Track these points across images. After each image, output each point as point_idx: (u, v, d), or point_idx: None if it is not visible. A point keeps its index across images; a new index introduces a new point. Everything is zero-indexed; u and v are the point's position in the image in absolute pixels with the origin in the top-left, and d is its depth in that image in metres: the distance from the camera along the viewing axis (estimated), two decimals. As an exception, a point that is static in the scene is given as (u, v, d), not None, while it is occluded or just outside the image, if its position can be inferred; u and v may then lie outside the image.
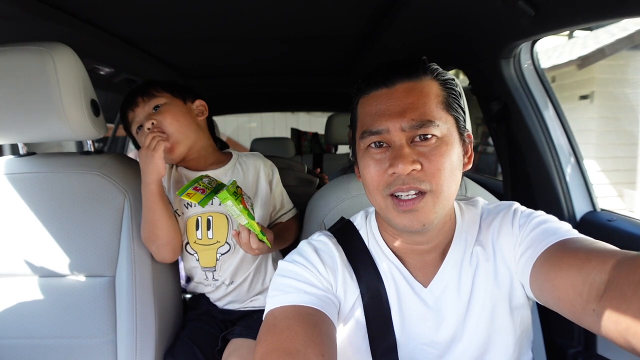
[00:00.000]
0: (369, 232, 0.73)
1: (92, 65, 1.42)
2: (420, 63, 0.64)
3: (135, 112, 1.01)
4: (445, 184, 0.60)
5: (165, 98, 1.00)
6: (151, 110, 0.99)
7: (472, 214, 0.72)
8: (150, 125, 0.96)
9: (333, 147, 3.19)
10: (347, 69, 1.88)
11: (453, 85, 0.66)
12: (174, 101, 1.01)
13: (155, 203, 0.93)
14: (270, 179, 1.10)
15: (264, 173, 1.09)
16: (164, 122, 0.96)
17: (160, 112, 0.98)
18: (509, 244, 0.66)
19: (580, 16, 0.80)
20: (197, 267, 1.05)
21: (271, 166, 1.12)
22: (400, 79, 0.63)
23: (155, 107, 0.99)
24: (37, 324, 0.95)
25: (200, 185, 0.92)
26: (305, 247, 0.71)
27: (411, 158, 0.59)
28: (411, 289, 0.68)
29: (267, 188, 1.08)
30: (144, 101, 0.99)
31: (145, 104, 0.99)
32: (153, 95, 1.00)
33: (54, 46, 0.87)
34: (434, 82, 0.64)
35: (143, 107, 0.99)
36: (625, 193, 4.03)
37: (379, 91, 0.64)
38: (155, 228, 0.94)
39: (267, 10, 1.07)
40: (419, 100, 0.61)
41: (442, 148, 0.60)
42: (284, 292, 0.63)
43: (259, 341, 0.58)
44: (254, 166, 1.09)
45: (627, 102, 4.05)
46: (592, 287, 0.50)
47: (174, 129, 0.97)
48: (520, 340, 0.68)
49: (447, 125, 0.62)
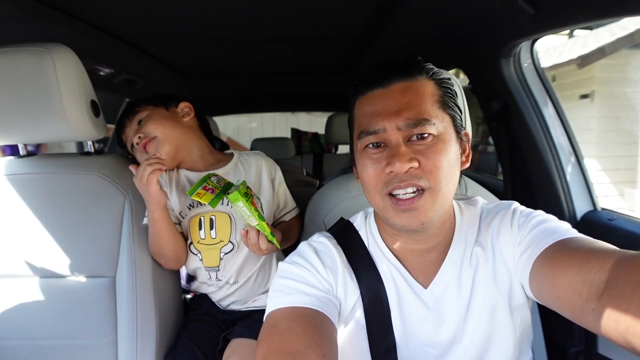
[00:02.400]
0: (369, 233, 0.73)
1: (92, 66, 1.42)
2: (416, 63, 0.65)
3: (126, 134, 1.06)
4: (443, 181, 0.61)
5: (147, 110, 1.04)
6: (136, 126, 1.03)
7: (472, 214, 0.72)
8: (138, 140, 0.99)
9: (333, 147, 3.19)
10: (347, 69, 1.88)
11: (449, 84, 0.66)
12: (156, 110, 1.05)
13: (161, 230, 0.95)
14: (273, 177, 1.10)
15: (266, 171, 1.09)
16: (148, 130, 0.99)
17: (143, 124, 1.01)
18: (508, 244, 0.66)
19: (580, 15, 0.80)
20: (201, 267, 1.05)
21: (273, 164, 1.12)
22: (396, 78, 0.63)
23: (139, 121, 1.03)
24: (38, 324, 0.95)
25: (210, 185, 0.92)
26: (305, 249, 0.71)
27: (408, 156, 0.59)
28: (411, 290, 0.68)
29: (269, 187, 1.08)
30: (130, 120, 1.05)
31: (131, 123, 1.05)
32: (136, 112, 1.05)
33: (54, 47, 0.87)
34: (430, 81, 0.64)
35: (130, 126, 1.05)
36: (626, 192, 4.03)
37: (375, 91, 0.64)
38: (162, 249, 0.98)
39: (267, 10, 1.07)
40: (415, 99, 0.62)
41: (439, 146, 0.61)
42: (284, 293, 0.63)
43: (260, 342, 0.58)
44: (256, 165, 1.09)
45: (628, 101, 4.04)
46: (592, 286, 0.50)
47: (159, 132, 1.00)
48: (521, 340, 0.68)
49: (444, 123, 0.62)
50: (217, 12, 1.07)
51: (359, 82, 0.67)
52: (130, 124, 1.05)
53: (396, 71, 0.64)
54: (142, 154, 0.99)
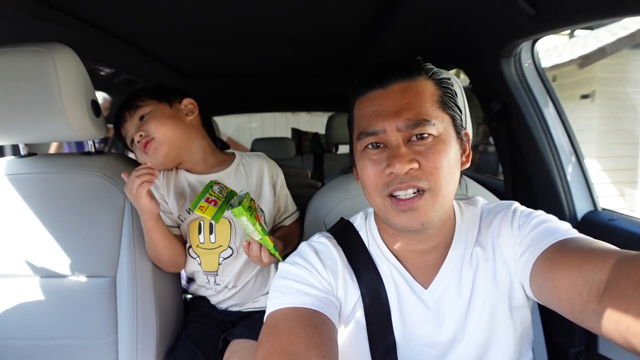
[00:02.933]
0: (369, 234, 0.73)
1: (93, 66, 1.42)
2: (415, 63, 0.65)
3: (125, 128, 1.01)
4: (443, 182, 0.61)
5: (150, 106, 0.99)
6: (138, 122, 0.99)
7: (472, 214, 0.72)
8: (139, 138, 0.96)
9: (334, 147, 3.19)
10: (347, 69, 1.88)
11: (449, 85, 0.66)
12: (159, 106, 1.00)
13: (156, 238, 0.95)
14: (275, 181, 1.08)
15: (267, 175, 1.06)
16: (149, 130, 0.96)
17: (145, 122, 0.97)
18: (508, 244, 0.66)
19: (581, 15, 0.80)
20: (200, 271, 1.04)
21: (275, 167, 1.10)
22: (395, 79, 0.63)
23: (141, 117, 0.98)
24: (38, 324, 0.95)
25: (212, 196, 0.90)
26: (306, 249, 0.71)
27: (408, 157, 0.59)
28: (411, 290, 0.68)
29: (271, 191, 1.06)
30: (130, 114, 1.00)
31: (131, 117, 0.99)
32: (137, 106, 0.99)
33: (55, 47, 0.87)
34: (429, 81, 0.64)
35: (131, 121, 0.99)
36: (627, 192, 4.02)
37: (375, 92, 0.64)
38: (158, 255, 0.98)
39: (267, 11, 1.07)
40: (414, 99, 0.61)
41: (439, 146, 0.61)
42: (284, 293, 0.63)
43: (260, 343, 0.58)
44: (258, 168, 1.07)
45: (628, 101, 4.03)
46: (592, 286, 0.50)
47: (160, 133, 0.96)
48: (521, 340, 0.68)
49: (444, 124, 0.62)
50: (217, 12, 1.07)
51: (358, 82, 0.67)
52: (130, 119, 1.00)
53: (395, 71, 0.63)
54: (142, 153, 0.97)
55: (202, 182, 1.01)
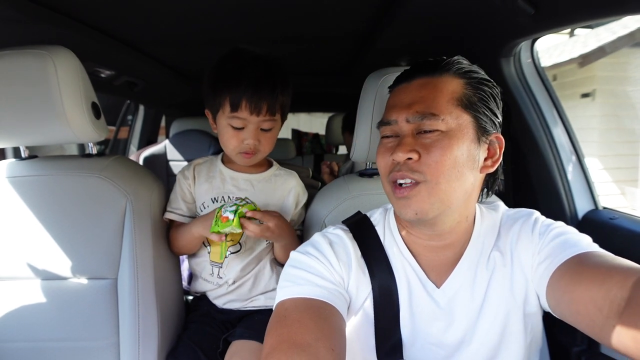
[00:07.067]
0: (387, 228, 0.73)
1: (93, 68, 1.42)
2: (439, 60, 0.67)
3: (247, 119, 0.91)
4: (443, 177, 0.61)
5: (278, 121, 0.98)
6: (258, 126, 0.94)
7: (492, 218, 0.72)
8: (252, 144, 0.94)
9: (334, 148, 3.20)
10: (347, 69, 1.88)
11: (484, 85, 0.66)
12: (278, 124, 1.00)
13: (195, 245, 1.04)
14: (298, 201, 1.09)
15: (293, 195, 1.07)
16: (266, 144, 0.97)
17: (266, 136, 0.96)
18: (527, 251, 0.66)
19: (580, 14, 0.80)
20: (207, 261, 1.06)
21: (303, 190, 1.10)
22: (420, 75, 0.66)
23: (266, 128, 0.95)
24: (40, 327, 0.95)
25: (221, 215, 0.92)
26: (320, 239, 0.71)
27: (409, 147, 0.61)
28: (423, 288, 0.68)
29: (291, 209, 1.07)
30: (264, 115, 0.92)
31: (263, 117, 0.92)
32: (273, 113, 0.93)
33: (55, 49, 0.88)
34: (456, 79, 0.65)
35: (249, 117, 0.91)
36: (627, 191, 4.02)
37: (400, 86, 0.68)
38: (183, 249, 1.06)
39: (267, 12, 1.07)
40: (429, 94, 0.63)
41: (444, 142, 0.61)
42: (295, 283, 0.63)
43: (269, 332, 0.58)
44: (289, 187, 1.07)
45: (629, 99, 4.03)
46: (613, 303, 0.50)
47: (268, 148, 0.99)
48: (530, 346, 0.68)
49: (458, 121, 0.63)
50: (218, 13, 1.07)
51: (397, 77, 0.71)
52: (262, 117, 0.91)
53: (422, 68, 0.67)
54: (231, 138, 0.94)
55: (233, 178, 1.04)
